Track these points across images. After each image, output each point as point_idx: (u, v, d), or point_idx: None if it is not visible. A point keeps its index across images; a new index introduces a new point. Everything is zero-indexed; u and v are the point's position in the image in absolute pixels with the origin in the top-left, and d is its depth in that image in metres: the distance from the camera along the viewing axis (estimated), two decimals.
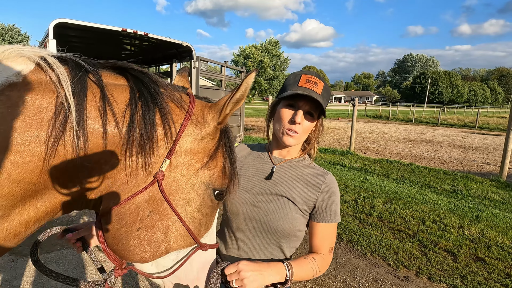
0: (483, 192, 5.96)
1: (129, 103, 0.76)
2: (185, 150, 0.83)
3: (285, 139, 1.15)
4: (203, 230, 0.93)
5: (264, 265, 1.00)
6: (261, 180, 1.22)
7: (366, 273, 3.20)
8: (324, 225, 1.18)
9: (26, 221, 0.72)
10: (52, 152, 0.67)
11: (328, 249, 1.18)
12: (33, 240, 1.18)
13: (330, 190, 1.19)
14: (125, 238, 0.82)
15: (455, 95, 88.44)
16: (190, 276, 0.95)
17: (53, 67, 0.68)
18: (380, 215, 4.60)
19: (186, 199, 0.85)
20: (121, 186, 0.79)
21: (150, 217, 0.82)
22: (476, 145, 13.69)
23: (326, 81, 1.18)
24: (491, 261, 3.37)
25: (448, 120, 27.61)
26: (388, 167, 7.96)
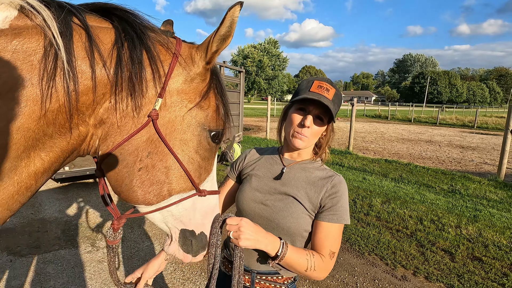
0: (481, 192, 5.98)
1: (115, 42, 0.76)
2: (176, 90, 0.84)
3: (294, 141, 1.19)
4: (203, 174, 0.95)
5: (262, 232, 1.04)
6: (271, 180, 1.26)
7: (363, 272, 3.21)
8: (326, 224, 1.16)
9: (35, 173, 0.74)
10: (46, 94, 0.68)
11: (329, 252, 1.15)
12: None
13: (337, 190, 1.19)
14: (127, 178, 0.85)
15: (454, 95, 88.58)
16: (194, 222, 0.98)
17: (37, 10, 0.68)
18: (378, 215, 4.61)
19: (182, 140, 0.87)
20: (118, 128, 0.81)
21: (149, 158, 0.84)
22: (474, 144, 13.72)
23: (337, 87, 1.21)
24: (488, 261, 3.38)
25: (447, 120, 27.65)
26: (386, 167, 7.98)
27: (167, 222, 0.96)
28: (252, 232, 1.00)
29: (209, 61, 0.88)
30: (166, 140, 0.84)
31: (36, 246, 3.56)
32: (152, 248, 3.61)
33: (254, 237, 1.00)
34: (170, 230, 0.98)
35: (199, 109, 0.89)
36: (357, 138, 14.43)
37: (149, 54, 0.80)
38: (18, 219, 4.25)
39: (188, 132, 0.88)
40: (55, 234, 3.86)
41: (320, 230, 1.17)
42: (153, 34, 0.83)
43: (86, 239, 3.75)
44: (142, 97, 0.80)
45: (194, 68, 0.86)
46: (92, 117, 0.78)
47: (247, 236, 0.99)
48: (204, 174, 0.96)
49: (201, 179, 0.94)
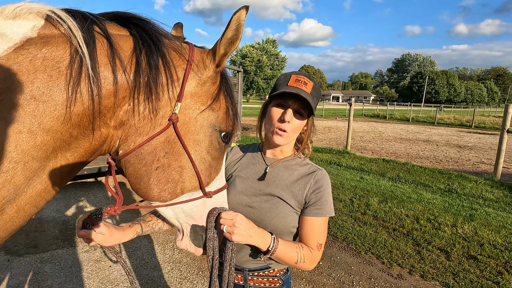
0: (477, 191, 6.01)
1: (134, 49, 0.82)
2: (190, 93, 0.89)
3: (275, 138, 1.18)
4: (213, 173, 1.00)
5: (255, 228, 1.06)
6: (255, 181, 1.26)
7: (360, 271, 3.23)
8: (312, 218, 1.20)
9: (61, 172, 0.79)
10: (72, 98, 0.73)
11: (316, 245, 1.19)
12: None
13: (320, 185, 1.21)
14: (145, 176, 0.90)
15: (452, 95, 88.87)
16: (204, 217, 1.03)
17: (63, 19, 0.73)
18: (375, 214, 4.64)
19: (195, 141, 0.92)
20: (136, 130, 0.86)
21: (166, 157, 0.89)
22: (472, 144, 13.78)
23: (316, 80, 1.22)
24: (484, 259, 3.41)
25: (445, 119, 27.75)
26: (384, 166, 8.01)
27: (178, 218, 1.01)
28: (245, 228, 1.02)
29: (219, 64, 0.92)
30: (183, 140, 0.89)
31: (34, 245, 3.56)
32: (150, 247, 3.62)
33: (247, 232, 1.02)
34: (182, 226, 1.03)
35: (211, 111, 0.94)
36: (355, 137, 14.47)
37: (164, 60, 0.85)
38: None
39: (200, 133, 0.92)
40: (53, 233, 3.87)
41: (306, 224, 1.20)
42: (167, 41, 0.88)
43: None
44: (158, 100, 0.85)
45: (205, 72, 0.91)
46: (113, 119, 0.83)
47: (240, 232, 1.01)
48: (214, 173, 1.01)
49: (211, 178, 0.99)
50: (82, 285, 2.90)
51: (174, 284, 2.96)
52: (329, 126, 20.28)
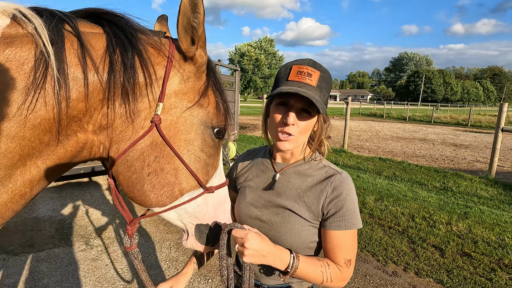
0: (472, 189, 6.07)
1: (107, 48, 0.76)
2: (174, 91, 0.84)
3: (280, 144, 1.02)
4: (211, 170, 0.97)
5: (270, 248, 0.93)
6: (264, 191, 1.12)
7: (355, 268, 3.26)
8: (334, 232, 1.02)
9: (30, 181, 0.74)
10: (39, 103, 0.68)
11: (344, 261, 1.01)
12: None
13: (339, 192, 1.03)
14: (138, 184, 0.86)
15: (448, 94, 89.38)
16: (208, 216, 1.00)
17: (29, 18, 0.69)
18: (371, 212, 4.67)
19: (187, 140, 0.88)
20: (120, 134, 0.81)
21: (157, 161, 0.85)
22: (467, 143, 13.89)
23: (323, 67, 1.02)
24: (477, 256, 3.46)
25: (442, 118, 27.92)
26: (380, 165, 8.06)
27: (182, 219, 0.98)
28: (257, 248, 0.89)
29: (192, 57, 0.85)
30: (171, 142, 0.85)
31: (30, 244, 3.55)
32: (147, 246, 3.63)
33: (259, 253, 0.90)
34: (186, 226, 1.00)
35: (199, 107, 0.89)
36: (352, 136, 14.52)
37: (141, 58, 0.80)
38: (11, 218, 4.23)
39: (191, 132, 0.88)
40: (49, 232, 3.86)
41: (329, 239, 1.03)
42: (144, 36, 0.83)
43: (80, 238, 3.75)
44: (137, 102, 0.80)
45: (186, 67, 0.86)
46: (91, 123, 0.78)
47: (251, 252, 0.89)
48: (212, 170, 0.97)
49: (209, 175, 0.96)
50: (78, 284, 2.90)
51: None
52: None
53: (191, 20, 0.78)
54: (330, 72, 1.10)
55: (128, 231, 1.00)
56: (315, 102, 0.92)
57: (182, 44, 0.82)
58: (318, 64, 1.02)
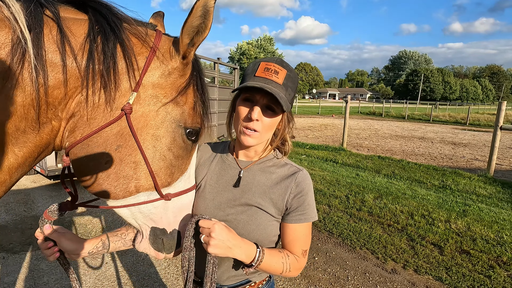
0: (471, 187, 6.09)
1: (88, 35, 0.75)
2: (152, 84, 0.82)
3: (243, 139, 1.01)
4: (176, 173, 0.92)
5: (237, 241, 0.93)
6: (228, 190, 1.09)
7: (355, 266, 3.27)
8: (295, 225, 1.07)
9: (9, 168, 0.72)
10: (16, 89, 0.67)
11: (301, 252, 1.07)
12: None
13: (301, 188, 1.07)
14: (93, 171, 0.83)
15: (447, 92, 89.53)
16: (166, 220, 0.94)
17: (6, 2, 0.67)
18: (370, 210, 4.68)
19: (155, 136, 0.84)
20: (87, 121, 0.79)
21: (118, 151, 0.82)
22: (466, 141, 13.93)
23: (291, 67, 1.04)
24: (476, 254, 3.47)
25: (440, 117, 27.98)
26: (379, 163, 8.07)
27: (136, 218, 0.93)
28: (223, 239, 0.89)
29: (185, 55, 0.85)
30: (137, 134, 0.82)
31: (29, 243, 3.55)
32: None
33: (225, 244, 0.90)
34: (140, 227, 0.95)
35: (175, 105, 0.86)
36: (351, 135, 14.54)
37: (123, 47, 0.78)
38: (10, 216, 4.23)
39: (161, 128, 0.85)
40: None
41: (289, 232, 1.08)
42: (127, 26, 0.82)
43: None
44: (115, 90, 0.78)
45: (171, 62, 0.84)
46: (65, 111, 0.77)
47: (217, 243, 0.88)
48: (177, 173, 0.92)
49: (174, 177, 0.91)
50: (78, 282, 2.90)
51: (170, 280, 2.97)
52: (326, 124, 20.34)
53: (199, 24, 0.79)
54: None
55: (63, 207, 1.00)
56: (280, 99, 0.93)
57: (181, 42, 0.82)
58: (286, 63, 1.04)
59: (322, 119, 24.01)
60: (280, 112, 1.01)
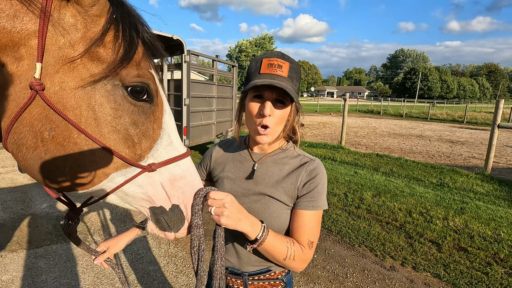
0: (468, 185, 6.13)
1: None
2: (58, 46, 0.67)
3: (259, 139, 1.06)
4: (144, 142, 0.79)
5: (245, 214, 0.94)
6: (243, 181, 1.16)
7: (354, 263, 3.28)
8: (302, 212, 1.07)
9: None
10: None
11: (307, 242, 1.05)
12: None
13: (312, 176, 1.10)
14: (36, 164, 0.71)
15: (444, 91, 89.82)
16: (159, 197, 0.84)
17: None
18: (368, 208, 4.70)
19: (90, 107, 0.70)
20: (4, 108, 0.68)
21: (53, 138, 0.69)
22: (463, 139, 13.99)
23: (292, 58, 1.06)
24: (473, 251, 3.50)
25: (438, 115, 28.07)
26: (377, 161, 8.09)
27: (129, 202, 0.84)
28: (236, 211, 0.90)
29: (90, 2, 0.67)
30: (66, 111, 0.68)
31: (27, 241, 3.53)
32: (145, 241, 3.62)
33: (237, 216, 0.90)
34: (140, 210, 0.87)
35: (97, 61, 0.70)
36: (350, 133, 14.56)
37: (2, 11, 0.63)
38: (8, 215, 4.21)
39: (95, 95, 0.70)
40: (46, 229, 3.84)
41: (296, 218, 1.08)
42: None
43: (78, 234, 3.73)
44: (12, 64, 0.65)
45: (70, 9, 0.68)
46: None
47: (229, 214, 0.88)
48: (146, 142, 0.79)
49: (143, 148, 0.78)
50: (77, 280, 2.89)
51: (170, 278, 2.97)
52: (324, 122, 20.36)
53: None
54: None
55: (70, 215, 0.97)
56: (289, 91, 0.97)
57: None
58: (287, 55, 1.06)
59: (320, 117, 24.02)
60: (289, 103, 1.05)
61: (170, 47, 7.27)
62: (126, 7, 0.76)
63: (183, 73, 6.48)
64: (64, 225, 0.96)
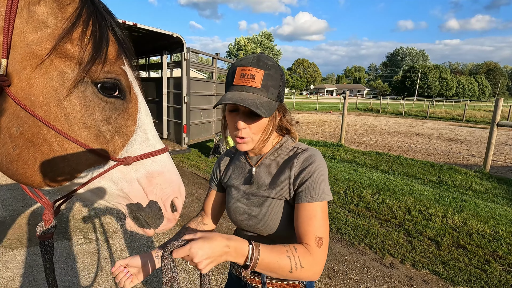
0: (467, 183, 6.15)
1: None
2: (26, 42, 0.66)
3: (239, 147, 1.06)
4: (118, 138, 0.78)
5: (222, 247, 0.81)
6: (245, 186, 1.16)
7: (353, 261, 3.30)
8: (302, 205, 1.00)
9: None
10: None
11: (314, 238, 0.94)
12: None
13: (306, 165, 1.03)
14: (5, 162, 0.71)
15: (444, 89, 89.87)
16: (135, 194, 0.83)
17: None
18: (368, 206, 4.72)
19: (59, 103, 0.69)
20: None
21: (21, 135, 0.69)
22: (462, 137, 14.02)
23: (270, 63, 0.99)
24: (472, 248, 3.52)
25: (437, 113, 28.09)
26: (377, 159, 8.11)
27: (106, 199, 0.84)
28: (208, 255, 0.79)
29: None
30: (34, 108, 0.67)
31: (28, 238, 3.54)
32: (146, 239, 3.63)
33: (213, 258, 0.80)
34: (118, 207, 0.86)
35: (65, 58, 0.69)
36: (349, 131, 14.58)
37: None
38: (8, 212, 4.21)
39: (62, 91, 0.69)
40: None
41: (298, 214, 1.00)
42: None
43: (78, 231, 3.74)
44: None
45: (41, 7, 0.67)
46: None
47: (205, 263, 0.79)
48: (119, 138, 0.78)
49: (116, 145, 0.78)
50: (77, 277, 2.90)
51: None
52: (323, 120, 20.37)
53: None
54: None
55: (46, 217, 0.88)
56: (255, 109, 0.92)
57: None
58: (263, 61, 0.98)
59: (319, 115, 24.03)
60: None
61: (169, 45, 7.26)
62: (98, 4, 0.76)
63: (182, 71, 6.46)
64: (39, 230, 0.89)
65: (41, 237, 0.89)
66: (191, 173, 6.56)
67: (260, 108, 0.93)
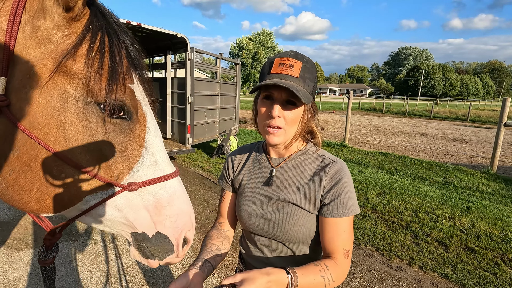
0: (474, 184, 6.08)
1: None
2: (28, 60, 0.62)
3: (269, 138, 1.02)
4: (122, 163, 0.73)
5: (265, 281, 0.80)
6: (264, 188, 1.11)
7: (360, 263, 3.26)
8: (333, 220, 1.00)
9: None
10: None
11: (343, 252, 0.98)
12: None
13: (337, 180, 1.03)
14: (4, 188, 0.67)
15: (447, 88, 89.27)
16: (140, 222, 0.77)
17: None
18: (374, 207, 4.67)
19: (60, 125, 0.65)
20: None
21: (19, 159, 0.64)
22: (467, 137, 13.90)
23: (306, 57, 1.01)
24: (481, 251, 3.47)
25: (441, 113, 27.91)
26: (382, 160, 8.05)
27: (109, 226, 0.79)
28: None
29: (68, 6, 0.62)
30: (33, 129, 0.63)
31: (33, 239, 3.54)
32: None
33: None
34: (121, 234, 0.81)
35: (68, 76, 0.65)
36: (353, 131, 14.50)
37: None
38: (13, 213, 4.22)
39: (65, 113, 0.65)
40: None
41: (328, 228, 1.01)
42: None
43: (84, 233, 3.74)
44: None
45: (49, 20, 0.62)
46: None
47: None
48: (124, 162, 0.73)
49: (121, 170, 0.73)
50: (84, 278, 2.89)
51: (176, 277, 2.97)
52: (326, 120, 20.30)
53: None
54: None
55: (47, 242, 0.82)
56: (296, 92, 0.91)
57: None
58: (301, 54, 1.01)
59: (323, 115, 23.95)
60: (301, 104, 1.00)
61: (173, 45, 7.25)
62: (109, 19, 0.71)
63: (186, 71, 6.45)
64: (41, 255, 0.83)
65: (42, 262, 0.84)
66: (195, 173, 6.55)
67: (300, 93, 0.93)
